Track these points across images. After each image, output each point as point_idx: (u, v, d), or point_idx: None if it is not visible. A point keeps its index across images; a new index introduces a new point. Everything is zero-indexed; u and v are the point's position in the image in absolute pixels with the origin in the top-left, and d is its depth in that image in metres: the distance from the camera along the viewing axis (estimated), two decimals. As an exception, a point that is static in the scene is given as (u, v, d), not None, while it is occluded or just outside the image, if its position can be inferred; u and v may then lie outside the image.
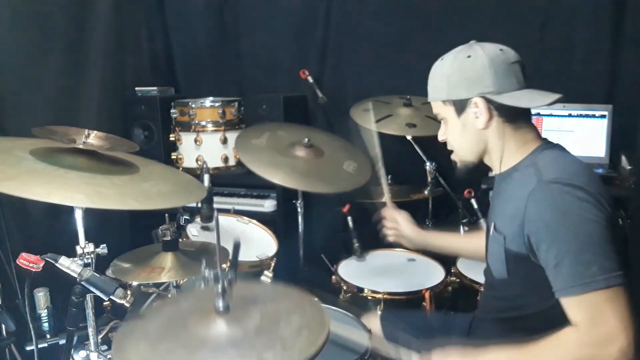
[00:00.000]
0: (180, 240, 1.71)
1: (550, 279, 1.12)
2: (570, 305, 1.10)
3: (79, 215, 1.37)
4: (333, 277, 2.06)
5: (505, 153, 1.29)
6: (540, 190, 1.14)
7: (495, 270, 1.31)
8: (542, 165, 1.20)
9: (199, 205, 1.83)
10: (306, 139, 2.03)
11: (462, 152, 1.36)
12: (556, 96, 1.24)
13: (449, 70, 1.29)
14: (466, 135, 1.32)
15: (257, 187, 2.79)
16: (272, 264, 2.00)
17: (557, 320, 1.12)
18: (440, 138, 1.41)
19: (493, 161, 1.33)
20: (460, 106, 1.29)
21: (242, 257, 1.17)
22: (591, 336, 1.07)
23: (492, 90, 1.24)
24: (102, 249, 1.38)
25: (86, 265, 1.32)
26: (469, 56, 1.26)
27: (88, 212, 1.38)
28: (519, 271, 1.23)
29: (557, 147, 1.28)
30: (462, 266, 2.04)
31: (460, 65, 1.27)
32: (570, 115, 2.42)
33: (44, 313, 2.07)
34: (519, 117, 1.27)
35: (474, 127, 1.29)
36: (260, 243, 2.19)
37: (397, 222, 1.75)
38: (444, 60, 1.32)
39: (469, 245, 1.70)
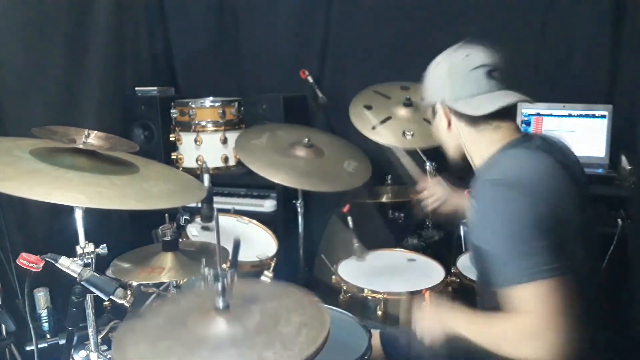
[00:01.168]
0: (180, 240, 1.71)
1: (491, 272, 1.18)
2: (506, 296, 1.13)
3: (79, 215, 1.37)
4: (333, 277, 2.06)
5: (473, 153, 1.37)
6: (477, 188, 1.23)
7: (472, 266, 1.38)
8: (491, 165, 1.28)
9: (199, 205, 1.83)
10: (306, 139, 2.04)
11: (445, 149, 1.46)
12: (508, 100, 1.27)
13: (427, 76, 1.41)
14: (440, 135, 1.43)
15: (257, 187, 2.78)
16: (272, 264, 2.00)
17: None
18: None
19: (471, 160, 1.40)
20: (432, 110, 1.41)
21: (242, 257, 1.17)
22: (518, 326, 1.11)
23: (449, 97, 1.33)
24: (102, 249, 1.37)
25: (86, 265, 1.31)
26: (438, 63, 1.37)
27: (88, 212, 1.38)
28: (481, 264, 1.27)
29: (523, 144, 1.29)
30: (462, 266, 2.04)
31: (430, 72, 1.39)
32: (570, 115, 2.42)
33: (44, 313, 2.07)
34: (479, 121, 1.32)
35: (444, 128, 1.39)
36: (260, 243, 2.19)
37: (434, 187, 1.85)
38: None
39: None
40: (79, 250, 1.34)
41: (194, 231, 2.08)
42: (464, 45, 1.35)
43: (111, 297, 1.22)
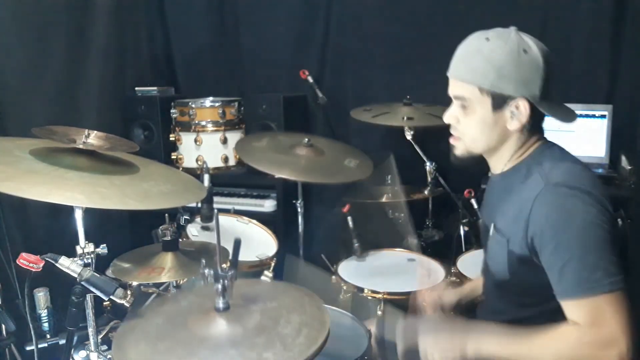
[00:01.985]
0: (180, 240, 1.71)
1: (553, 281, 1.12)
2: (573, 307, 1.10)
3: (79, 215, 1.37)
4: (333, 277, 2.06)
5: (512, 156, 1.28)
6: (547, 193, 1.13)
7: (497, 271, 1.31)
8: (548, 168, 1.19)
9: (199, 205, 1.83)
10: (306, 139, 2.04)
11: (474, 143, 1.28)
12: (574, 114, 1.26)
13: (500, 59, 1.17)
14: (491, 130, 1.24)
15: (257, 187, 2.79)
16: (272, 264, 2.00)
17: (558, 322, 1.12)
18: (447, 120, 1.31)
19: (497, 160, 1.31)
20: (500, 101, 1.19)
21: (242, 257, 1.17)
22: (592, 337, 1.06)
23: (538, 95, 1.18)
24: (102, 249, 1.37)
25: (86, 265, 1.31)
26: (524, 50, 1.16)
27: (88, 212, 1.38)
28: (521, 273, 1.22)
29: (556, 147, 1.28)
30: (462, 266, 2.04)
31: (516, 59, 1.16)
32: (570, 115, 2.41)
33: (44, 313, 2.07)
34: (538, 126, 1.25)
35: (504, 125, 1.22)
36: (260, 243, 2.19)
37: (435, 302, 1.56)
38: (490, 43, 1.19)
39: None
40: (79, 250, 1.34)
41: (194, 231, 2.08)
42: (527, 35, 1.21)
43: (111, 297, 1.22)
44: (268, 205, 2.74)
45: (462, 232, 2.29)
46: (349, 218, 2.25)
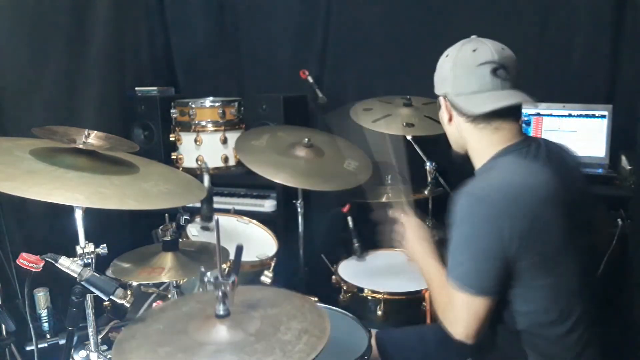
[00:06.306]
0: (180, 240, 1.71)
1: None
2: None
3: (79, 215, 1.37)
4: (333, 277, 2.06)
5: (473, 152, 1.37)
6: (457, 198, 1.25)
7: None
8: (478, 175, 1.32)
9: (199, 205, 1.83)
10: (306, 139, 2.04)
11: (452, 144, 1.45)
12: (507, 101, 1.25)
13: (437, 67, 1.40)
14: (444, 127, 1.44)
15: (257, 187, 2.79)
16: (272, 264, 2.00)
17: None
18: None
19: (472, 160, 1.40)
20: (439, 102, 1.40)
21: (242, 257, 1.17)
22: (448, 309, 1.26)
23: (451, 92, 1.33)
24: (102, 249, 1.37)
25: (86, 265, 1.31)
26: (446, 55, 1.35)
27: (88, 212, 1.38)
28: None
29: (519, 151, 1.28)
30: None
31: (439, 64, 1.38)
32: (570, 115, 2.42)
33: (44, 313, 2.08)
34: (478, 119, 1.30)
35: (445, 121, 1.40)
36: (260, 243, 2.19)
37: (404, 228, 1.58)
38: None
39: None
40: (79, 250, 1.34)
41: (194, 231, 2.08)
42: (474, 40, 1.33)
43: (111, 297, 1.22)
44: (268, 205, 2.74)
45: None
46: (349, 218, 2.25)
